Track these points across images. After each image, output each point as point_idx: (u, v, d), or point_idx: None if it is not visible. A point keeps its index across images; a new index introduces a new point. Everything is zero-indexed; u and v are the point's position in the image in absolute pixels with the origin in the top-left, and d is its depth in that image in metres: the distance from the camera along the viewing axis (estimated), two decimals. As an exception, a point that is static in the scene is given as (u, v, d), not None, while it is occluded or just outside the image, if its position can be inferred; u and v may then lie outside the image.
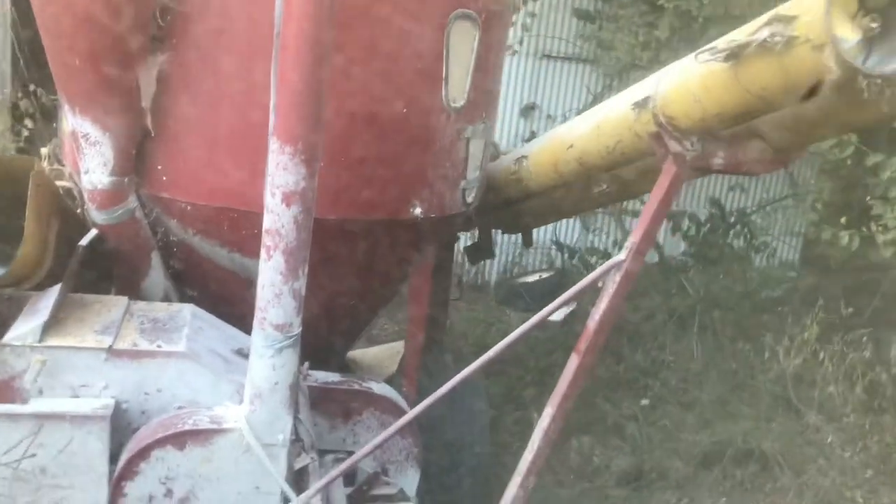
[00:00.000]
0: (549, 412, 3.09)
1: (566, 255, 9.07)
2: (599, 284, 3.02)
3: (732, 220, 8.71)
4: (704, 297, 8.02)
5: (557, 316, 7.60)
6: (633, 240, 2.94)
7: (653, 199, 2.91)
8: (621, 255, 2.96)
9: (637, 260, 2.94)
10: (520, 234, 5.60)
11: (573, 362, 3.06)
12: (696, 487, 5.78)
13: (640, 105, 2.94)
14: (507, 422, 6.15)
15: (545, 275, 8.94)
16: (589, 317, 3.08)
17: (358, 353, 5.58)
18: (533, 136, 8.18)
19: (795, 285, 8.83)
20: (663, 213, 2.92)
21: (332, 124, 3.27)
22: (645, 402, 6.77)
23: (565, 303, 2.96)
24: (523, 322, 3.14)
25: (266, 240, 2.74)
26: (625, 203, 8.66)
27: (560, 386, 3.08)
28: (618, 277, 2.97)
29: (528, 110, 9.06)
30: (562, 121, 8.02)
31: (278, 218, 2.70)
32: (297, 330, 2.85)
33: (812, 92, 2.23)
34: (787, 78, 2.22)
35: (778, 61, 2.20)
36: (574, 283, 8.23)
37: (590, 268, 8.98)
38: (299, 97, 2.60)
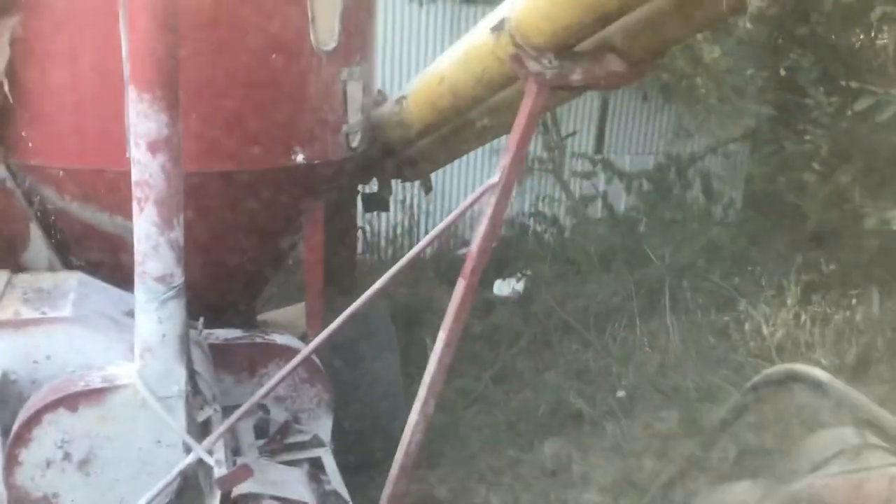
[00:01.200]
0: (441, 338, 3.18)
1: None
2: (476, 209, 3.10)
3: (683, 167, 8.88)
4: (671, 264, 7.66)
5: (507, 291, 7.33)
6: (504, 161, 3.02)
7: (519, 119, 2.99)
8: (495, 178, 3.04)
9: (510, 179, 3.03)
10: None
11: (460, 286, 3.15)
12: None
13: (498, 28, 3.00)
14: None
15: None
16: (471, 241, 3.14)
17: (269, 315, 5.58)
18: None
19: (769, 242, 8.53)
20: (530, 132, 3.01)
21: (199, 75, 3.25)
22: (621, 394, 5.96)
23: (442, 231, 3.01)
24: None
25: (136, 191, 2.72)
26: (569, 164, 9.20)
27: (450, 311, 3.17)
28: (493, 200, 3.05)
29: None
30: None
31: (145, 168, 2.68)
32: (178, 280, 2.85)
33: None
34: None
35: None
36: (519, 252, 8.20)
37: (535, 235, 9.22)
38: (151, 42, 2.56)
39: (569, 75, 2.94)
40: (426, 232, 8.56)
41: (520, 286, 8.15)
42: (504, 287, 8.20)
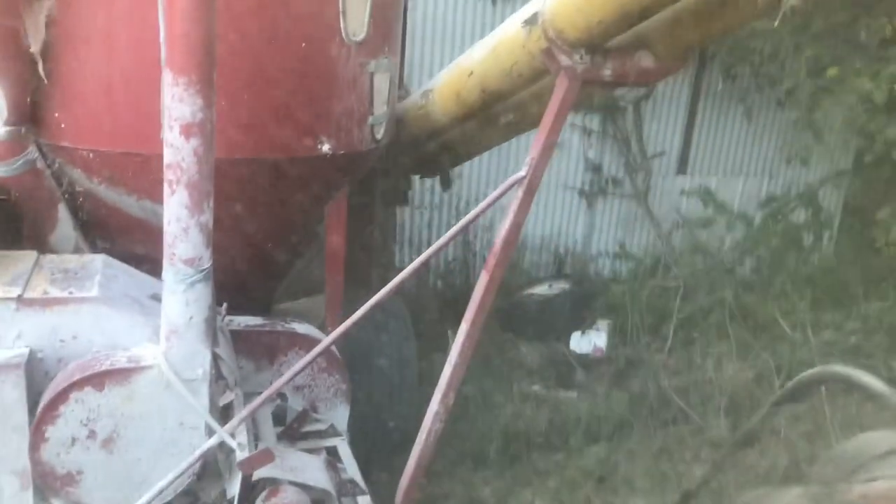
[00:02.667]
0: (464, 328, 3.20)
1: (566, 258, 8.20)
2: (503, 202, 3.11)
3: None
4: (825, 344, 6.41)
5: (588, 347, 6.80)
6: (532, 154, 3.03)
7: (548, 114, 3.01)
8: (522, 172, 3.05)
9: (537, 174, 3.04)
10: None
11: (483, 279, 3.16)
12: None
13: (530, 22, 3.02)
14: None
15: (557, 285, 7.47)
16: (496, 234, 3.15)
17: (288, 305, 5.61)
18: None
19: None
20: (559, 127, 3.02)
21: (231, 63, 3.27)
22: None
23: (465, 226, 3.02)
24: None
25: (168, 174, 2.74)
26: (652, 195, 8.18)
27: (472, 302, 3.18)
28: (520, 193, 3.07)
29: None
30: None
31: (178, 151, 2.70)
32: (207, 264, 2.87)
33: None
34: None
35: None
36: (596, 297, 7.45)
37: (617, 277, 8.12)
38: (189, 26, 2.59)
39: (600, 70, 2.95)
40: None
41: (602, 340, 6.98)
42: (583, 343, 7.00)
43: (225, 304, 3.60)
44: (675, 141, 8.36)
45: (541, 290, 7.47)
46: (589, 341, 6.95)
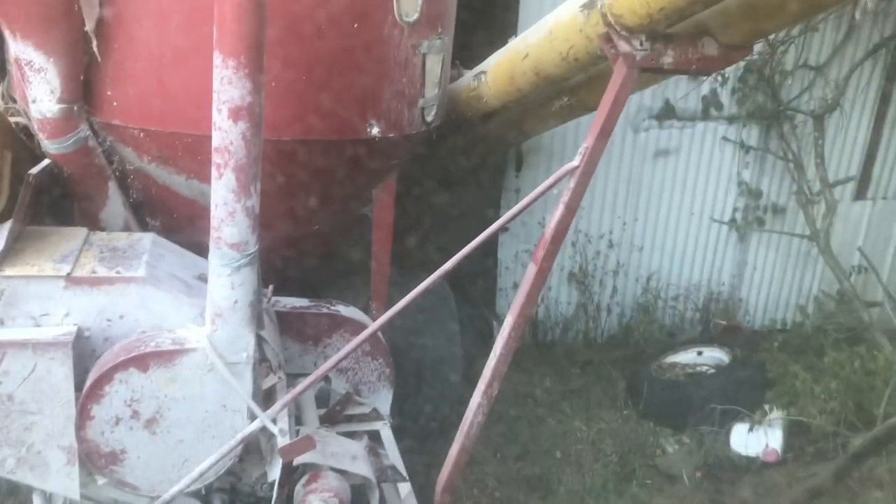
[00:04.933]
0: (509, 320, 3.13)
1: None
2: (555, 192, 3.02)
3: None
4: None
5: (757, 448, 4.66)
6: (586, 144, 2.93)
7: (605, 101, 2.90)
8: (575, 161, 2.96)
9: (591, 164, 2.94)
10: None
11: (531, 271, 3.08)
12: None
13: (589, 6, 2.90)
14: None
15: (709, 353, 5.78)
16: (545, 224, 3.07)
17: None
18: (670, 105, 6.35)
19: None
20: (616, 114, 2.91)
21: (282, 45, 3.23)
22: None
23: (519, 212, 2.93)
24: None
25: (216, 157, 2.72)
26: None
27: (520, 294, 3.11)
28: (572, 184, 2.97)
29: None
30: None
31: (226, 135, 2.68)
32: (253, 248, 2.85)
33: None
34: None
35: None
36: (762, 370, 5.40)
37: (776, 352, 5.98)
38: (240, 9, 2.55)
39: (660, 58, 2.83)
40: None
41: (776, 439, 5.08)
42: (750, 441, 5.13)
43: (271, 286, 3.59)
44: (855, 157, 6.89)
45: (686, 357, 5.89)
46: (758, 439, 5.10)
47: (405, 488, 3.43)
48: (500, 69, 3.92)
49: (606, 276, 6.63)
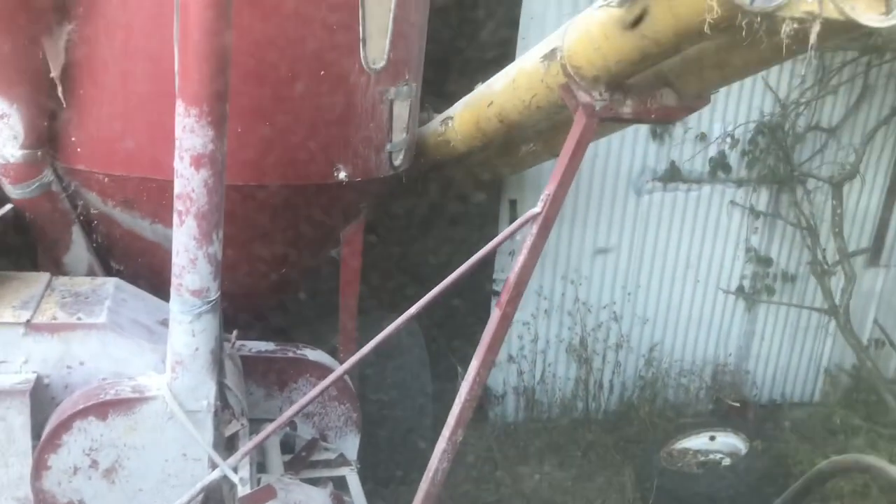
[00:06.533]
0: (474, 365, 3.13)
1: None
2: (518, 238, 3.04)
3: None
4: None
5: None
6: (547, 192, 2.97)
7: (566, 150, 2.94)
8: (537, 208, 2.99)
9: (553, 210, 2.97)
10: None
11: (495, 316, 3.09)
12: None
13: (549, 57, 2.96)
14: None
15: (723, 438, 5.27)
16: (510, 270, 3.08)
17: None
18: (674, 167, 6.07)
19: None
20: (576, 163, 2.95)
21: (247, 89, 3.26)
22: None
23: (479, 260, 2.94)
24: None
25: (177, 205, 2.72)
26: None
27: (484, 339, 3.11)
28: (535, 229, 3.00)
29: (664, 125, 5.89)
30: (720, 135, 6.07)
31: (188, 182, 2.68)
32: (214, 295, 2.84)
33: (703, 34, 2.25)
34: (678, 20, 2.25)
35: (667, 2, 2.23)
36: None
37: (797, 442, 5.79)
38: (202, 57, 2.56)
39: (619, 108, 2.88)
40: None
41: None
42: None
43: (235, 332, 3.57)
44: (868, 224, 6.58)
45: (698, 443, 5.35)
46: None
47: (371, 535, 3.40)
48: (466, 115, 3.97)
49: (609, 350, 6.32)
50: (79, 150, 3.37)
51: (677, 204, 6.19)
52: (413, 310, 3.02)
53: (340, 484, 3.64)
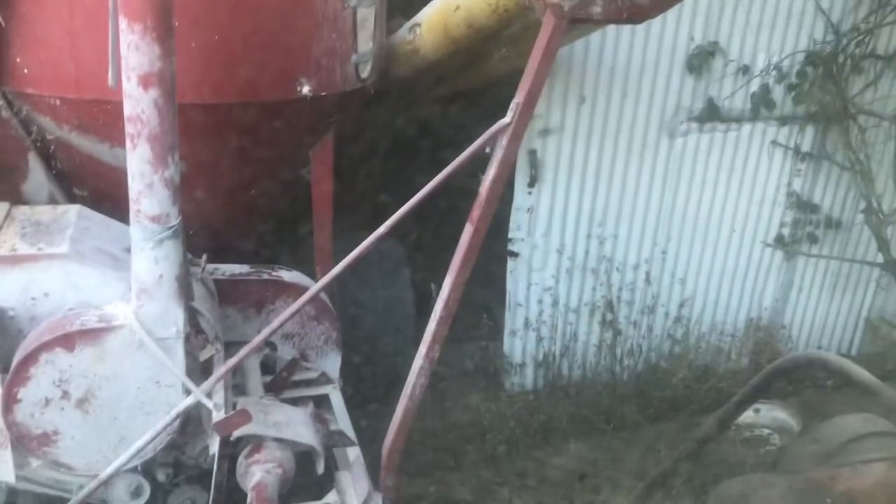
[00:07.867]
0: (447, 282, 3.07)
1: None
2: (487, 150, 2.93)
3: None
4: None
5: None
6: (517, 100, 2.84)
7: (534, 55, 2.80)
8: (506, 118, 2.87)
9: (523, 120, 2.86)
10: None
11: (467, 232, 3.02)
12: None
13: (514, -45, 2.79)
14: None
15: (770, 412, 5.08)
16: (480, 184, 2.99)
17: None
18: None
19: None
20: (546, 70, 2.82)
21: (200, 2, 3.08)
22: None
23: (452, 171, 2.85)
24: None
25: (129, 128, 2.61)
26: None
27: (456, 256, 3.04)
28: (505, 141, 2.89)
29: (702, 58, 5.33)
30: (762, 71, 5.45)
31: (137, 103, 2.56)
32: (174, 220, 2.75)
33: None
34: None
35: None
36: None
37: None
38: (142, -33, 2.40)
39: (589, 7, 2.72)
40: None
41: None
42: None
43: (205, 255, 3.49)
44: None
45: (746, 418, 4.78)
46: None
47: (353, 452, 3.41)
48: (434, 21, 3.79)
49: (637, 311, 5.76)
50: (25, 71, 3.21)
51: (714, 146, 5.62)
52: (385, 226, 2.94)
53: (324, 404, 3.65)
